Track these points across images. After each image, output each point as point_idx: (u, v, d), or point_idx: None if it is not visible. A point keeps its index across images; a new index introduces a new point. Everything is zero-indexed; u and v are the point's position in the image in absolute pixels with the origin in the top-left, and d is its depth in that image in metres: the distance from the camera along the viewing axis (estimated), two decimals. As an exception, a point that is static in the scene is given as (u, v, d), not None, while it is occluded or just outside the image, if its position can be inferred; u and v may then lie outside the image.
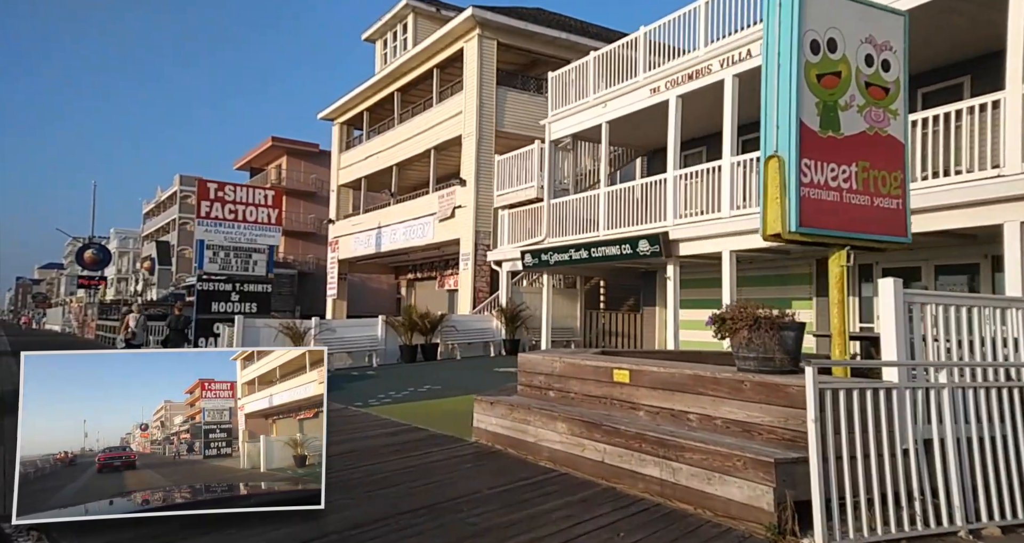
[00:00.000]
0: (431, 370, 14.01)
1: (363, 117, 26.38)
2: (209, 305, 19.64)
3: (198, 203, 19.91)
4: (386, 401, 9.56)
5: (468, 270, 18.93)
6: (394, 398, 9.82)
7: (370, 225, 24.98)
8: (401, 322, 15.89)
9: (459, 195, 19.49)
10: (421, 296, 28.42)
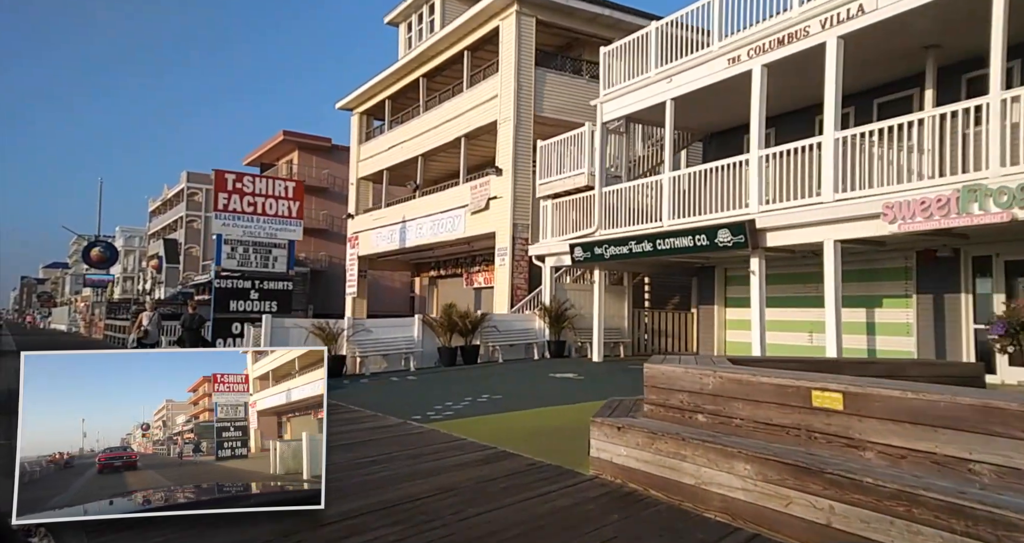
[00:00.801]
0: (478, 376, 12.70)
1: (385, 106, 25.06)
2: (227, 304, 18.43)
3: (215, 195, 18.66)
4: (448, 414, 8.23)
5: (505, 266, 17.60)
6: (456, 411, 8.50)
7: (393, 219, 23.68)
8: (440, 322, 14.58)
9: (494, 185, 18.16)
10: (444, 294, 27.11)
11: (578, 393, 9.88)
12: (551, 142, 15.73)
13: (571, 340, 15.75)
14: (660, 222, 12.42)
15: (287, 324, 13.63)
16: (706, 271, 15.34)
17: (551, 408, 8.49)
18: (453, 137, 20.61)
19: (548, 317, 15.48)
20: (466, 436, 6.77)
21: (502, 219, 17.75)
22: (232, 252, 18.75)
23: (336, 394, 10.68)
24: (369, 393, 10.82)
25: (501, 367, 14.07)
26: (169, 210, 69.72)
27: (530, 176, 17.70)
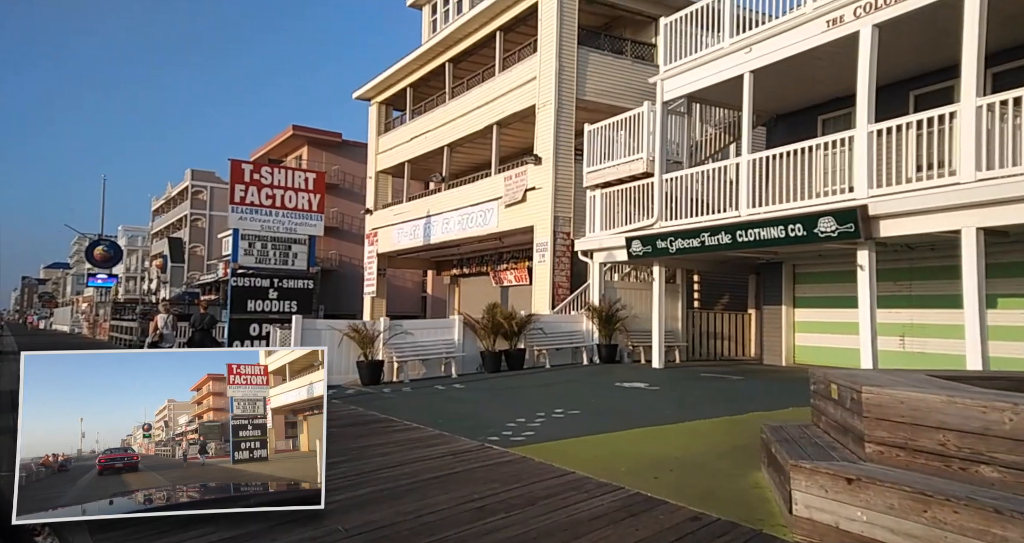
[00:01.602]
0: (533, 384, 11.33)
1: (406, 94, 23.69)
2: (244, 303, 17.06)
3: (231, 187, 17.32)
4: (529, 435, 6.86)
5: (545, 263, 16.22)
6: (536, 430, 7.12)
7: (416, 215, 22.31)
8: (482, 324, 13.20)
9: (532, 175, 16.78)
10: (467, 294, 25.76)
11: (666, 408, 8.50)
12: (600, 126, 14.35)
13: (623, 344, 14.36)
14: (736, 211, 11.04)
15: (319, 326, 12.27)
16: (771, 268, 13.95)
17: (652, 429, 7.10)
18: (483, 125, 19.24)
19: (597, 318, 14.09)
20: (572, 468, 5.39)
21: (541, 212, 16.37)
22: (250, 248, 17.43)
23: (382, 405, 9.33)
24: (419, 405, 9.45)
25: (552, 374, 12.68)
26: (173, 208, 68.42)
27: (572, 165, 16.35)
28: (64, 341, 36.19)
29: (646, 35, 17.87)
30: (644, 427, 7.11)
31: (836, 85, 11.70)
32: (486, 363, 13.13)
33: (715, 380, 11.16)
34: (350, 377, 12.22)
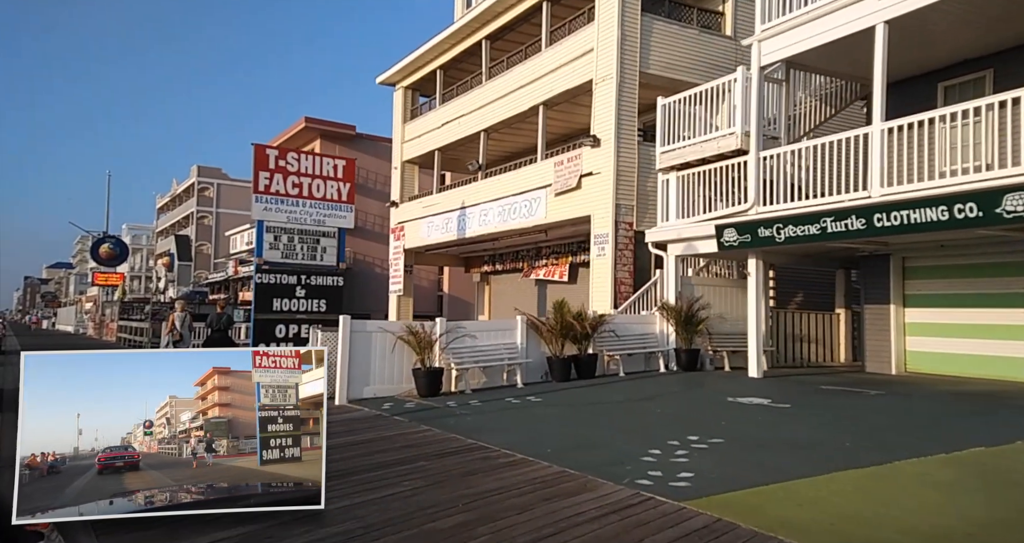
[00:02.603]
0: (624, 398, 9.65)
1: (436, 77, 21.97)
2: (269, 302, 15.45)
3: (255, 174, 15.71)
4: (686, 476, 5.15)
5: (605, 256, 14.51)
6: (690, 467, 5.41)
7: (449, 206, 20.61)
8: (549, 326, 11.49)
9: (588, 159, 15.07)
10: (499, 292, 24.07)
11: (839, 437, 6.74)
12: (677, 99, 12.63)
13: (704, 351, 12.64)
14: (865, 191, 9.33)
15: (369, 328, 10.55)
16: (874, 262, 12.22)
17: (861, 473, 5.29)
18: (527, 106, 17.53)
19: (676, 319, 12.39)
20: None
21: (600, 200, 14.65)
22: (275, 242, 15.82)
23: (459, 425, 7.66)
24: (504, 424, 7.76)
25: (636, 385, 10.97)
26: (178, 206, 66.82)
27: (635, 147, 14.64)
28: (72, 342, 34.52)
29: (712, 2, 16.16)
30: (846, 470, 5.36)
31: (965, 46, 10.01)
32: (554, 371, 11.43)
33: (849, 395, 9.39)
34: (404, 387, 10.53)
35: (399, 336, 10.46)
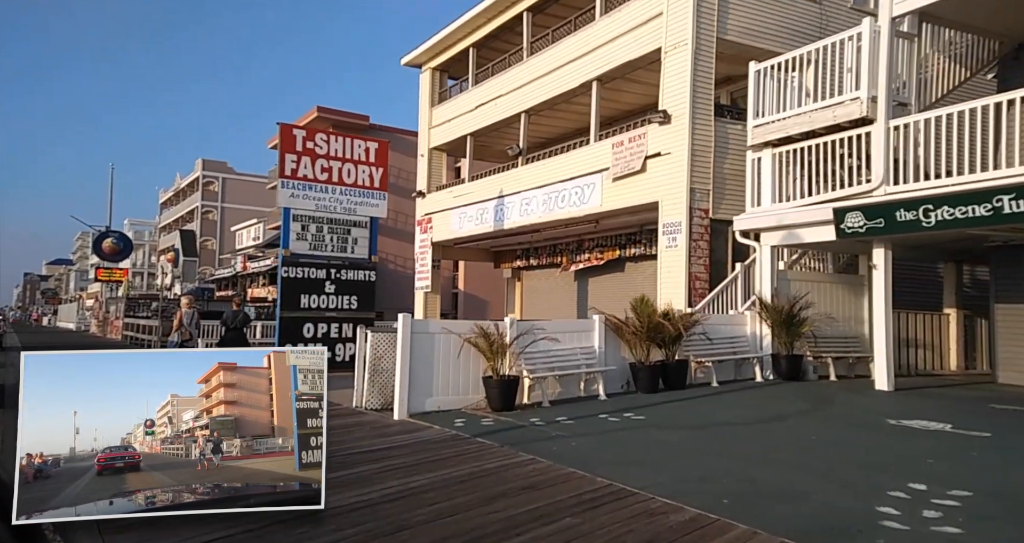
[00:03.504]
0: (743, 415, 7.99)
1: (468, 56, 20.27)
2: (296, 299, 13.82)
3: (280, 157, 14.11)
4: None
5: (678, 248, 12.83)
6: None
7: (484, 195, 18.94)
8: (632, 327, 9.82)
9: (655, 139, 13.39)
10: (532, 289, 22.41)
11: None
12: (773, 64, 10.95)
13: (807, 359, 10.95)
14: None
15: (432, 328, 8.88)
16: (1010, 253, 10.54)
17: None
18: (578, 82, 15.85)
19: (775, 320, 10.72)
20: None
21: (671, 184, 12.97)
22: (303, 232, 14.18)
23: (562, 453, 6.12)
24: (625, 455, 6.10)
25: (744, 398, 9.31)
26: (182, 201, 65.14)
27: (712, 123, 12.96)
28: (76, 341, 32.84)
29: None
30: None
31: None
32: (638, 380, 9.78)
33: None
34: (470, 399, 8.88)
35: (466, 339, 8.79)
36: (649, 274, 17.27)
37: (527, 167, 17.55)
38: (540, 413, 8.35)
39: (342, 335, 14.42)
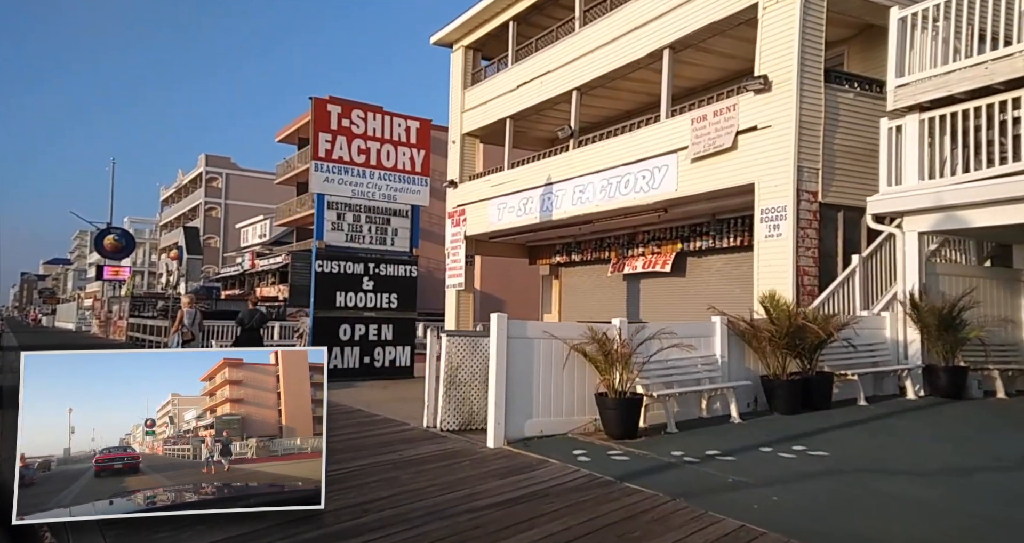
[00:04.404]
0: (970, 455, 6.11)
1: (507, 31, 18.35)
2: (332, 296, 11.94)
3: (314, 136, 12.22)
4: None
5: (782, 237, 10.94)
6: None
7: (528, 183, 17.05)
8: (766, 332, 7.91)
9: (749, 110, 11.50)
10: (571, 288, 20.51)
11: None
12: (925, 6, 9.04)
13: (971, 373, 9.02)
14: None
15: (530, 333, 6.93)
16: None
17: None
18: (646, 52, 13.95)
19: (925, 324, 8.81)
20: None
21: (771, 162, 11.08)
22: (338, 221, 12.33)
23: (773, 513, 4.07)
24: (869, 516, 4.18)
25: (924, 423, 7.43)
26: (184, 197, 63.22)
27: (821, 91, 11.06)
28: (78, 342, 30.89)
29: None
30: None
31: None
32: (776, 397, 7.88)
33: None
34: (576, 421, 6.99)
35: (574, 345, 6.89)
36: (717, 270, 15.42)
37: (581, 150, 15.65)
38: (674, 442, 6.46)
39: (381, 337, 12.61)
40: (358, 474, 5.36)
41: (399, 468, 5.59)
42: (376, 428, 7.63)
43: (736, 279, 14.98)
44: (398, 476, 5.33)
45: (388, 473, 5.43)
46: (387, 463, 5.79)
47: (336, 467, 5.09)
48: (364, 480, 5.17)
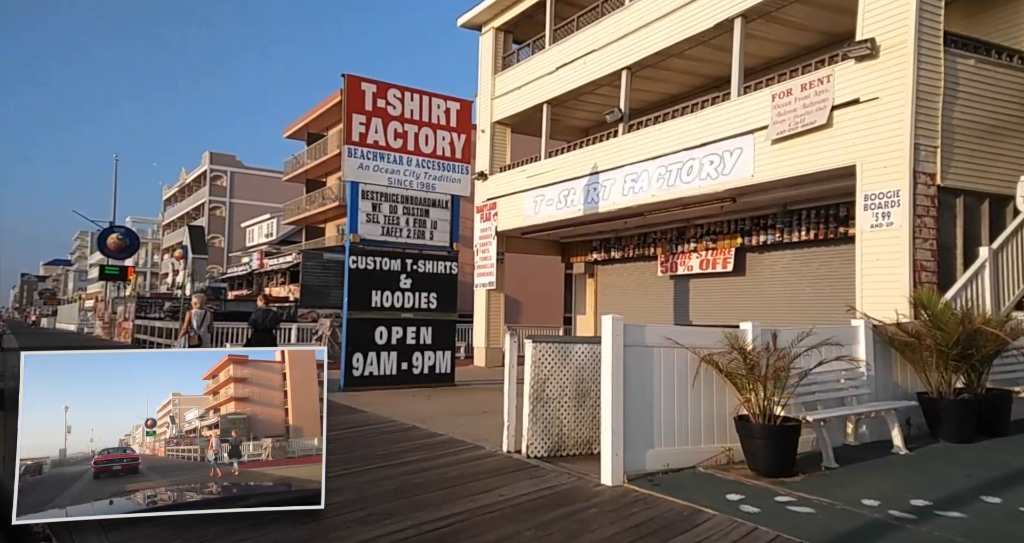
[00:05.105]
0: None
1: (545, 8, 16.85)
2: (367, 295, 10.38)
3: (347, 117, 10.69)
4: None
5: (894, 227, 9.40)
6: None
7: (570, 173, 15.57)
8: (930, 338, 6.38)
9: (846, 81, 9.99)
10: (608, 287, 19.01)
11: None
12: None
13: None
14: None
15: (648, 340, 5.38)
16: None
17: None
18: (713, 23, 12.45)
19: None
20: None
21: (880, 139, 9.55)
22: (373, 212, 10.84)
23: None
24: None
25: None
26: (188, 196, 61.80)
27: (940, 57, 9.54)
28: (81, 344, 29.38)
29: None
30: None
31: None
32: (941, 422, 6.36)
33: None
34: (704, 451, 5.50)
35: (704, 358, 5.37)
36: (783, 267, 13.91)
37: (633, 136, 14.13)
38: (847, 482, 4.96)
39: (419, 341, 11.15)
40: (468, 530, 3.91)
41: (511, 520, 4.12)
42: (446, 452, 6.20)
43: (806, 277, 13.52)
44: (518, 533, 3.85)
45: (501, 528, 3.96)
46: (491, 511, 4.33)
47: (433, 516, 4.06)
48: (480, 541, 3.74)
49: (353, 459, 5.72)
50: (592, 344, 6.30)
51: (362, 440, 6.74)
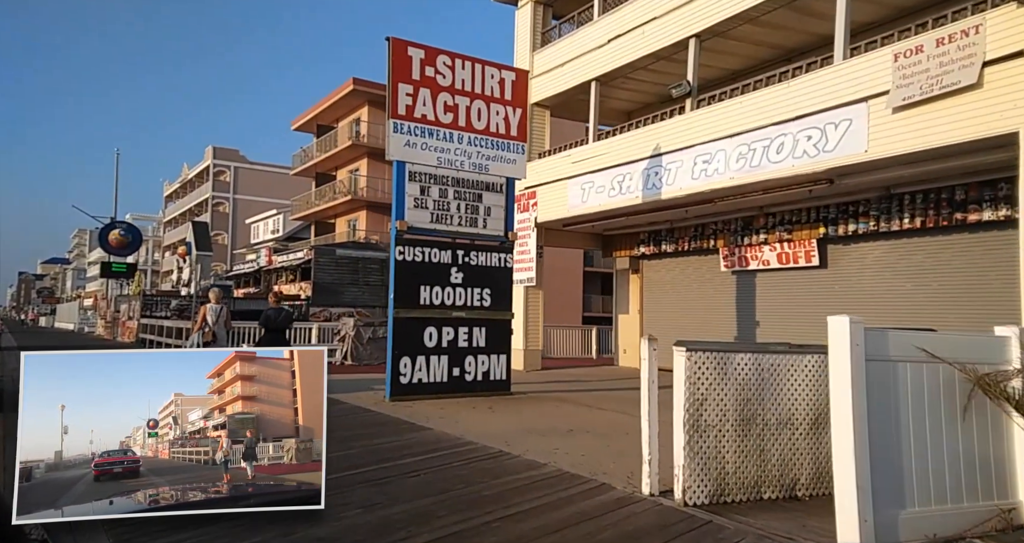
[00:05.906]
0: None
1: (593, -26, 15.14)
2: (415, 291, 8.43)
3: (392, 88, 8.69)
4: None
5: (1067, 207, 7.63)
6: None
7: (626, 156, 13.84)
8: None
9: (1000, 31, 8.25)
10: (656, 284, 17.26)
11: None
12: None
13: None
14: None
15: (894, 351, 3.59)
16: None
17: None
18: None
19: None
20: None
21: (1044, 102, 7.80)
22: (422, 196, 9.03)
23: None
24: None
25: None
26: (190, 192, 60.06)
27: None
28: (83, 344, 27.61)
29: None
30: None
31: None
32: None
33: None
34: (968, 511, 3.74)
35: (980, 377, 3.60)
36: (875, 261, 12.19)
37: (705, 111, 12.39)
38: None
39: (472, 343, 9.46)
40: None
41: None
42: (572, 495, 4.59)
43: (902, 272, 11.82)
44: None
45: None
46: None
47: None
48: None
49: (463, 504, 4.24)
50: (757, 354, 4.59)
51: (452, 472, 5.12)
